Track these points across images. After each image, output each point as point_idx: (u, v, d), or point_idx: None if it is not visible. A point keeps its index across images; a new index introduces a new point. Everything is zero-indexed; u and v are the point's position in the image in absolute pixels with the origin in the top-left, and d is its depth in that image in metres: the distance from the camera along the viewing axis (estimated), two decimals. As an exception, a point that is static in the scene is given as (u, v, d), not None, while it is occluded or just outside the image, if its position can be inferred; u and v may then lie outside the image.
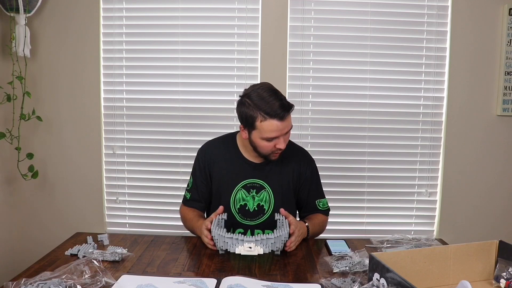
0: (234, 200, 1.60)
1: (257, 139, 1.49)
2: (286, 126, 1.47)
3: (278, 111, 1.43)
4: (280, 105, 1.44)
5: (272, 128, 1.45)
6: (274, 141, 1.48)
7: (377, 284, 1.05)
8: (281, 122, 1.45)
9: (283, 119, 1.45)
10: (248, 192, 1.60)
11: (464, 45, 2.25)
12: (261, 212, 1.60)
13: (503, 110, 2.27)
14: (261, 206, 1.60)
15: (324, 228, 1.73)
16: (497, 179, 2.33)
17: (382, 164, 2.33)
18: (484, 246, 1.22)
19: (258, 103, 1.45)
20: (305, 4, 2.24)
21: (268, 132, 1.46)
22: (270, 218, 1.60)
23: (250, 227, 1.61)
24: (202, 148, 1.69)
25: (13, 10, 2.08)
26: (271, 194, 1.60)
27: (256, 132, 1.48)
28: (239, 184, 1.60)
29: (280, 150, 1.51)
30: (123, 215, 2.39)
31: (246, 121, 1.50)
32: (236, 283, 1.17)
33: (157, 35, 2.28)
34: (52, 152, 2.34)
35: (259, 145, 1.51)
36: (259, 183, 1.60)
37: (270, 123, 1.44)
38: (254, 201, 1.59)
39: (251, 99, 1.47)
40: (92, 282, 1.14)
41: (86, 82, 2.31)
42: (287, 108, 1.46)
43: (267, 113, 1.43)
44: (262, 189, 1.60)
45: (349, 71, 2.28)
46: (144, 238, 1.59)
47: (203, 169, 1.65)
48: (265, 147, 1.50)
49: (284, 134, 1.49)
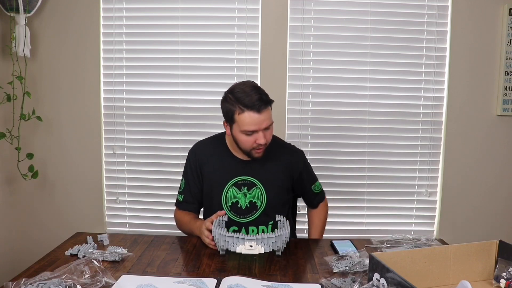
0: (225, 198, 1.61)
1: (237, 133, 1.52)
2: (264, 120, 1.48)
3: (256, 103, 1.46)
4: (259, 98, 1.47)
5: (249, 120, 1.46)
6: (253, 136, 1.50)
7: (377, 284, 1.05)
8: (258, 115, 1.46)
9: (260, 111, 1.46)
10: (239, 189, 1.60)
11: (464, 45, 2.25)
12: (253, 209, 1.61)
13: (503, 110, 2.27)
14: (253, 203, 1.60)
15: (326, 216, 1.85)
16: (497, 179, 2.33)
17: (382, 164, 2.33)
18: (484, 246, 1.22)
19: (238, 96, 1.48)
20: (305, 4, 2.25)
21: (246, 125, 1.47)
22: (263, 214, 1.61)
23: (244, 224, 1.61)
24: (192, 149, 1.71)
25: (13, 10, 2.08)
26: (262, 190, 1.61)
27: (236, 126, 1.51)
28: (230, 181, 1.61)
29: (261, 146, 1.52)
30: (123, 215, 2.39)
31: (227, 115, 1.53)
32: (236, 283, 1.17)
33: (157, 35, 2.29)
34: (52, 152, 2.34)
35: (240, 139, 1.53)
36: (250, 180, 1.61)
37: (247, 115, 1.46)
38: (246, 198, 1.60)
39: (233, 94, 1.50)
40: (92, 282, 1.14)
41: (86, 82, 2.31)
42: (264, 101, 1.48)
43: (244, 105, 1.46)
44: (253, 186, 1.61)
45: (349, 71, 2.28)
46: (144, 238, 1.59)
47: (194, 170, 1.66)
48: (245, 141, 1.52)
49: (263, 128, 1.49)
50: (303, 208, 2.31)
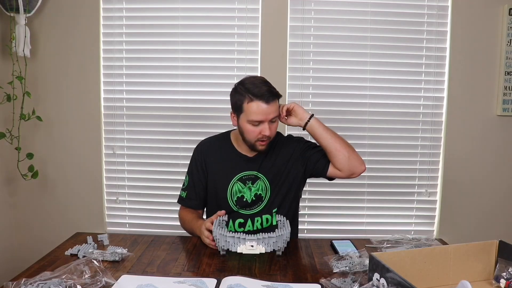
0: (231, 193, 1.63)
1: (244, 123, 1.54)
2: (271, 112, 1.51)
3: (265, 94, 1.50)
4: (268, 90, 1.52)
5: (258, 110, 1.50)
6: (259, 127, 1.52)
7: (377, 284, 1.05)
8: (266, 105, 1.50)
9: (268, 102, 1.50)
10: (244, 184, 1.63)
11: (464, 45, 2.25)
12: (259, 200, 1.63)
13: (503, 110, 2.27)
14: (258, 195, 1.63)
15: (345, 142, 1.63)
16: (497, 179, 2.33)
17: (382, 164, 2.33)
18: (484, 246, 1.22)
19: (248, 86, 1.53)
20: (305, 4, 2.24)
21: (253, 114, 1.50)
22: (269, 204, 1.63)
23: (249, 216, 1.63)
24: (197, 146, 1.74)
25: (13, 10, 2.08)
26: (266, 182, 1.63)
27: (243, 115, 1.54)
28: (235, 177, 1.63)
29: (265, 138, 1.54)
30: (123, 215, 2.39)
31: (235, 105, 1.57)
32: (236, 283, 1.17)
33: (157, 35, 2.28)
34: (52, 152, 2.34)
35: (246, 129, 1.55)
36: (254, 174, 1.63)
37: (256, 104, 1.50)
38: (251, 192, 1.63)
39: (243, 85, 1.55)
40: (92, 282, 1.14)
41: (86, 82, 2.31)
42: (273, 93, 1.53)
43: (254, 94, 1.50)
44: (257, 179, 1.63)
45: (349, 71, 2.28)
46: (144, 238, 1.59)
47: (199, 166, 1.68)
48: (251, 132, 1.54)
49: (269, 120, 1.52)
50: (303, 208, 2.32)
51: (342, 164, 1.57)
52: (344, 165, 1.57)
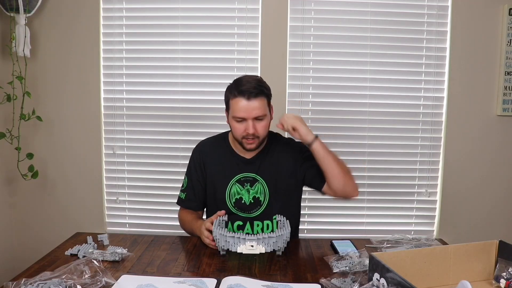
0: (229, 195, 1.62)
1: (230, 119, 1.56)
2: (253, 109, 1.50)
3: (247, 91, 1.49)
4: (253, 87, 1.50)
5: (238, 106, 1.50)
6: (244, 124, 1.52)
7: (377, 284, 1.05)
8: (247, 102, 1.49)
9: (249, 99, 1.49)
10: (243, 186, 1.62)
11: (464, 45, 2.25)
12: (257, 204, 1.62)
13: (503, 110, 2.27)
14: (256, 198, 1.62)
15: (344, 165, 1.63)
16: (497, 179, 2.33)
17: (382, 164, 2.33)
18: (484, 246, 1.22)
19: (237, 83, 1.53)
20: (305, 4, 2.24)
21: (236, 111, 1.51)
22: (267, 209, 1.62)
23: (248, 219, 1.63)
24: (196, 147, 1.73)
25: (13, 10, 2.08)
26: (264, 185, 1.62)
27: (230, 112, 1.55)
28: (233, 178, 1.63)
29: (250, 136, 1.52)
30: (123, 215, 2.39)
31: (225, 101, 1.58)
32: (236, 283, 1.17)
33: (157, 35, 2.28)
34: (52, 152, 2.34)
35: (232, 126, 1.57)
36: (252, 177, 1.63)
37: (237, 100, 1.50)
38: (249, 194, 1.62)
39: (234, 82, 1.56)
40: (92, 282, 1.14)
41: (86, 82, 2.31)
42: (258, 91, 1.50)
43: (238, 91, 1.51)
44: (255, 182, 1.62)
45: (349, 71, 2.28)
46: (144, 238, 1.59)
47: (198, 168, 1.68)
48: (236, 129, 1.55)
49: (252, 118, 1.50)
50: (303, 208, 2.32)
51: (336, 188, 1.58)
52: (338, 189, 1.58)
